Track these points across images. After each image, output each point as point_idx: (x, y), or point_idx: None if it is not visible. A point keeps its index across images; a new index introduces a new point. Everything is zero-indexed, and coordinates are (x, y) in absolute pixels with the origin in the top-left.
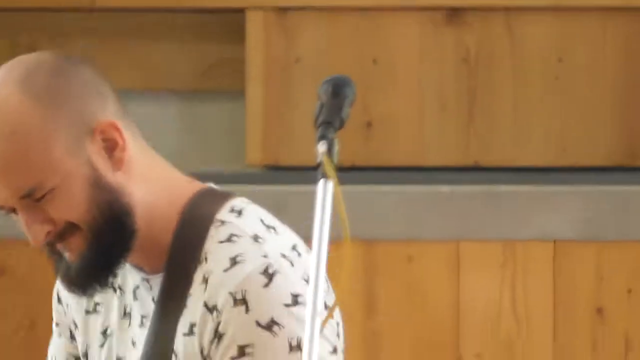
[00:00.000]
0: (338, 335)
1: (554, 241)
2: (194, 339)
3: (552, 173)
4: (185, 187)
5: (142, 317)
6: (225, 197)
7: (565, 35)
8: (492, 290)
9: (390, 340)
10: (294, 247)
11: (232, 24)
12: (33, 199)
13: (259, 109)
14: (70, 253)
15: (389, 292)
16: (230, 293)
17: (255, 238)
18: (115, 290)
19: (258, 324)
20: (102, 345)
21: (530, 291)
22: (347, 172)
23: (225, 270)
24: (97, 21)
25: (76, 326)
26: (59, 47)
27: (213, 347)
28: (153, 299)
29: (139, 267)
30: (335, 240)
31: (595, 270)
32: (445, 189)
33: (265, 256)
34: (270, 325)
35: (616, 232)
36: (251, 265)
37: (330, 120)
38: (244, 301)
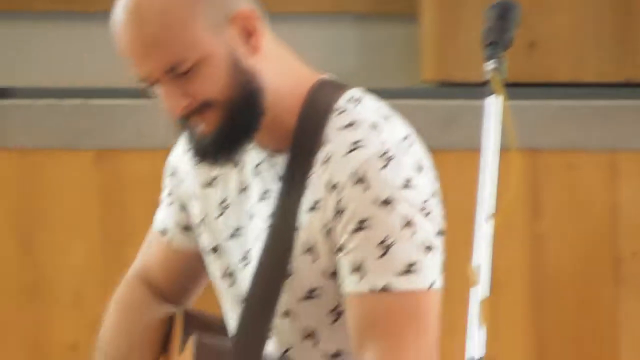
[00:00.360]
0: (442, 218)
1: None
2: (318, 215)
3: None
4: (308, 75)
5: (264, 192)
6: (343, 87)
7: None
8: None
9: (553, 241)
10: (406, 137)
11: None
12: (176, 73)
13: (433, 30)
14: (204, 127)
15: (551, 197)
16: (352, 173)
17: (374, 126)
18: (235, 166)
19: (375, 201)
20: (219, 216)
21: None
22: (513, 88)
23: (347, 153)
24: None
25: (194, 197)
26: None
27: (335, 222)
28: (277, 176)
29: (262, 146)
30: (502, 150)
31: None
32: (601, 103)
33: (383, 142)
34: (386, 203)
35: None
36: (371, 150)
37: (498, 40)
38: (363, 180)
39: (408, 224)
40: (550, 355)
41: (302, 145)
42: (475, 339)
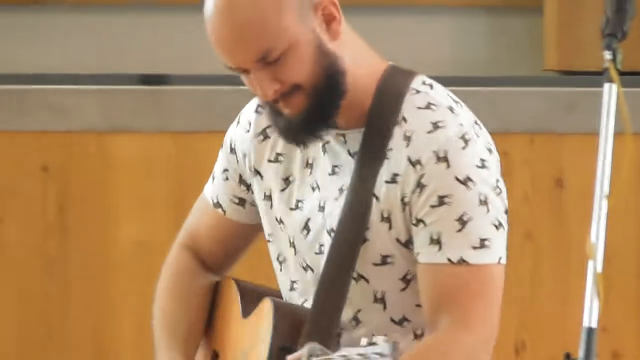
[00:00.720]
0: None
1: None
2: (397, 187)
3: None
4: (380, 61)
5: (334, 166)
6: (413, 72)
7: None
8: None
9: None
10: (476, 122)
11: None
12: (266, 61)
13: (555, 22)
14: (292, 110)
15: None
16: (434, 151)
17: (451, 109)
18: (297, 145)
19: (456, 178)
20: (283, 190)
21: None
22: (628, 77)
23: (429, 132)
24: None
25: (256, 173)
26: None
27: (415, 195)
28: (349, 152)
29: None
30: (618, 134)
31: None
32: None
33: (461, 125)
34: (465, 181)
35: None
36: (452, 131)
37: (615, 32)
38: (445, 159)
39: (483, 201)
40: None
41: (378, 122)
42: (592, 310)
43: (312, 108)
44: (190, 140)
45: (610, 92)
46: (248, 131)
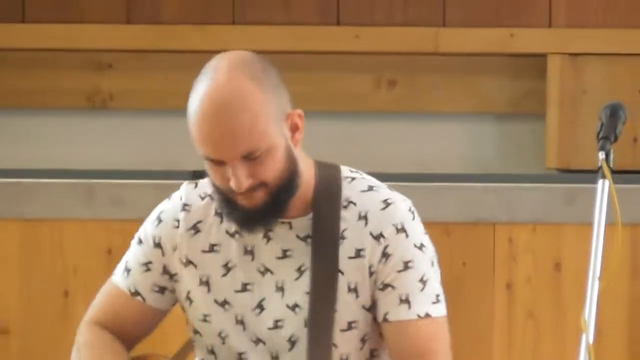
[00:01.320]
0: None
1: None
2: (363, 260)
3: None
4: (307, 156)
5: (284, 250)
6: (335, 164)
7: None
8: None
9: None
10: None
11: (537, 64)
12: (249, 159)
13: (556, 127)
14: (250, 203)
15: None
16: (394, 224)
17: (387, 189)
18: (232, 236)
19: (414, 245)
20: (224, 275)
21: None
22: (619, 175)
23: (383, 209)
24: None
25: (189, 263)
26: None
27: (381, 264)
28: (297, 236)
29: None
30: (610, 225)
31: None
32: None
33: (404, 200)
34: (421, 247)
35: None
36: (401, 206)
37: (608, 135)
38: (403, 230)
39: (433, 263)
40: None
41: (324, 209)
42: None
43: (270, 203)
44: None
45: (603, 188)
46: (177, 227)
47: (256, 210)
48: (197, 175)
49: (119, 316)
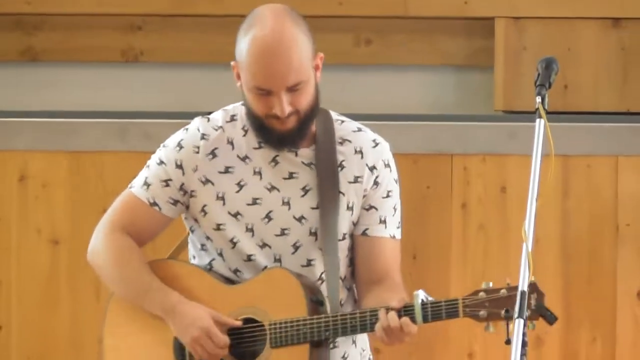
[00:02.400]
0: None
1: None
2: (360, 185)
3: None
4: None
5: (291, 172)
6: (323, 109)
7: None
8: None
9: (575, 214)
10: None
11: (486, 26)
12: (292, 90)
13: (502, 77)
14: (284, 127)
15: (575, 186)
16: (383, 160)
17: (371, 131)
18: (243, 160)
19: (394, 179)
20: (238, 191)
21: None
22: (552, 115)
23: (374, 147)
24: (410, 23)
25: (207, 181)
26: (383, 39)
27: (372, 190)
28: (302, 162)
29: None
30: (545, 156)
31: None
32: (607, 125)
33: (386, 142)
34: (396, 181)
35: None
36: (386, 146)
37: (543, 83)
38: (388, 165)
39: (399, 196)
40: (572, 291)
41: (323, 144)
42: (524, 278)
43: (297, 128)
44: None
45: (540, 126)
46: (197, 152)
47: (287, 133)
48: (208, 114)
49: (136, 222)
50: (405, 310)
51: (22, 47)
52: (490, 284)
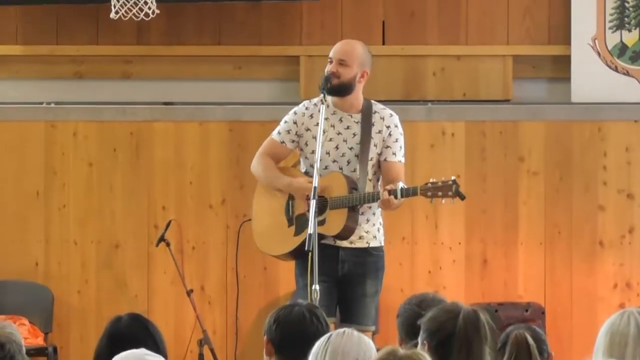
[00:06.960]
0: None
1: None
2: (381, 135)
3: None
4: (362, 95)
5: (347, 126)
6: (368, 99)
7: None
8: None
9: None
10: None
11: None
12: (344, 64)
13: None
14: (335, 81)
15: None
16: (394, 124)
17: (390, 109)
18: (326, 119)
19: (400, 133)
20: (323, 134)
21: None
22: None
23: (391, 116)
24: None
25: (308, 129)
26: None
27: (387, 137)
28: (355, 121)
29: (343, 110)
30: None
31: None
32: None
33: (396, 114)
34: (402, 134)
35: None
36: (397, 117)
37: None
38: (397, 126)
39: (403, 141)
40: (475, 226)
41: (366, 113)
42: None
43: (337, 86)
44: None
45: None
46: (304, 115)
47: (335, 86)
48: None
49: (273, 151)
50: (392, 192)
51: None
52: (434, 179)
